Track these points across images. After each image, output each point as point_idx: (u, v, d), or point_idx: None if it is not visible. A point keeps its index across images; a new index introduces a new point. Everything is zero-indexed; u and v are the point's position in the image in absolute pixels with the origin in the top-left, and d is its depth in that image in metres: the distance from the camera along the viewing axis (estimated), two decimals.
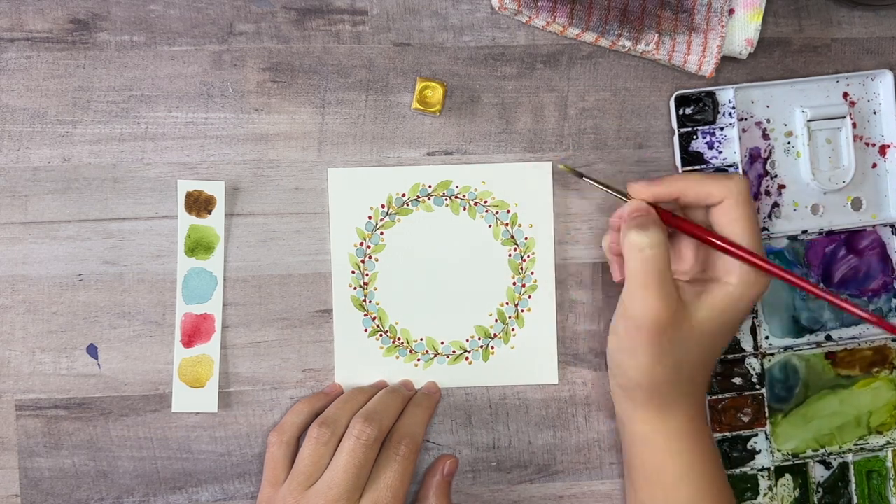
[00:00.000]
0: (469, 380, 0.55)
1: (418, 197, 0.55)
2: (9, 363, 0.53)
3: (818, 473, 0.57)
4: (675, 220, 0.50)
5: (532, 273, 0.55)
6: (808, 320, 0.57)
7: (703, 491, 0.50)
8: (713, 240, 0.49)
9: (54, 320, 0.54)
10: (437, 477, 0.54)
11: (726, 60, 0.56)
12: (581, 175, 0.52)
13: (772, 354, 0.56)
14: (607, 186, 0.52)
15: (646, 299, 0.47)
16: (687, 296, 0.49)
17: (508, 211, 0.55)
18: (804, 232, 0.56)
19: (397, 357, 0.55)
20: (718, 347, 0.51)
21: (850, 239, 0.57)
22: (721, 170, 0.55)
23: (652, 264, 0.47)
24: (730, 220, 0.48)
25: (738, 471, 0.55)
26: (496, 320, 0.55)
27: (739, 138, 0.55)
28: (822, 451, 0.56)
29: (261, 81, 0.54)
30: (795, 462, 0.56)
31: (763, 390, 0.55)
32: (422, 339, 0.55)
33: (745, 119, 0.56)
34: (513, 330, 0.55)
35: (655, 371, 0.48)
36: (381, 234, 0.55)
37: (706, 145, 0.55)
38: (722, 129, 0.55)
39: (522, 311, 0.55)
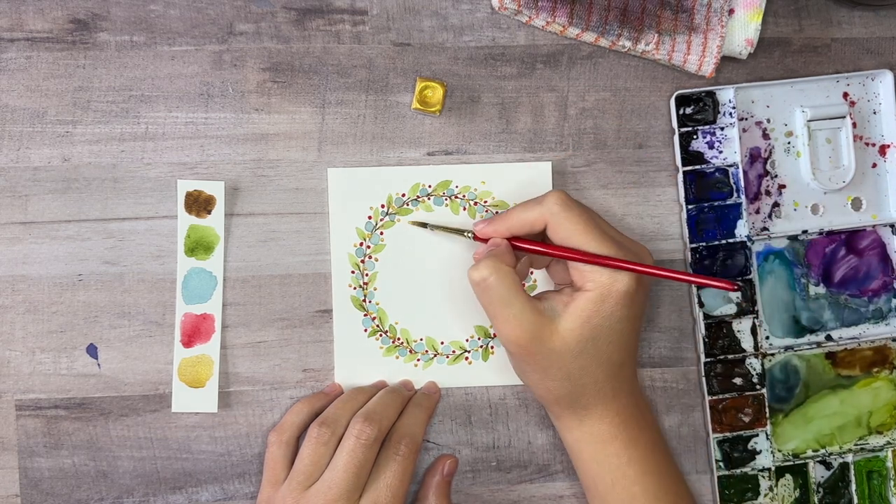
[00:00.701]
0: (469, 380, 0.55)
1: (418, 197, 0.55)
2: (9, 363, 0.53)
3: (818, 473, 0.57)
4: (520, 245, 0.51)
5: (532, 273, 0.55)
6: (809, 320, 0.57)
7: (638, 496, 0.50)
8: (551, 251, 0.50)
9: (54, 320, 0.54)
10: (436, 477, 0.54)
11: (726, 60, 0.56)
12: (425, 225, 0.54)
13: (772, 354, 0.56)
14: (450, 230, 0.53)
15: (501, 326, 0.49)
16: (556, 309, 0.49)
17: None
18: (804, 232, 0.56)
19: (397, 357, 0.55)
20: (611, 350, 0.49)
21: (850, 239, 0.57)
22: (722, 170, 0.55)
23: (494, 292, 0.48)
24: (562, 236, 0.49)
25: (738, 471, 0.55)
26: None
27: (739, 138, 0.55)
28: (822, 451, 0.56)
29: (261, 81, 0.54)
30: (796, 462, 0.56)
31: (763, 390, 0.55)
32: (422, 339, 0.55)
33: (746, 119, 0.56)
34: None
35: (548, 386, 0.50)
36: (381, 234, 0.55)
37: (706, 145, 0.55)
38: (722, 128, 0.55)
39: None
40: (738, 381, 0.55)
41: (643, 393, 0.55)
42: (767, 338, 0.56)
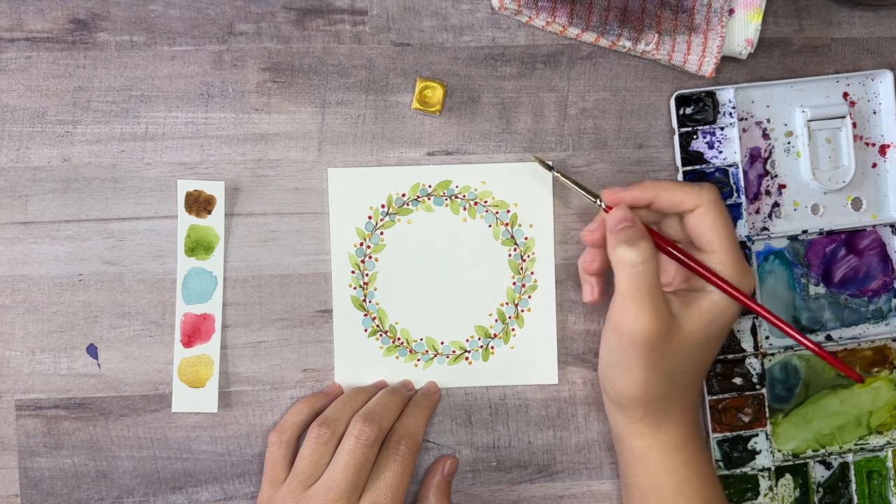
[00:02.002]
0: (469, 380, 0.55)
1: (418, 197, 0.55)
2: (9, 363, 0.53)
3: (818, 473, 0.57)
4: (656, 239, 0.50)
5: (532, 273, 0.55)
6: (809, 320, 0.57)
7: None
8: (692, 263, 0.50)
9: (54, 320, 0.54)
10: (437, 477, 0.54)
11: (726, 60, 0.56)
12: (551, 168, 0.53)
13: (772, 354, 0.56)
14: (578, 185, 0.52)
15: (637, 315, 0.47)
16: (674, 307, 0.49)
17: (508, 211, 0.55)
18: (804, 232, 0.56)
19: (397, 357, 0.55)
20: (709, 357, 0.51)
21: (850, 239, 0.57)
22: (722, 170, 0.55)
23: (643, 279, 0.47)
24: (704, 227, 0.49)
25: (738, 471, 0.55)
26: (496, 320, 0.55)
27: (739, 138, 0.55)
28: (822, 451, 0.56)
29: (261, 81, 0.54)
30: (796, 462, 0.56)
31: (763, 390, 0.55)
32: (422, 339, 0.55)
33: (746, 119, 0.56)
34: (513, 330, 0.55)
35: (649, 385, 0.49)
36: (381, 234, 0.55)
37: (706, 145, 0.55)
38: (722, 128, 0.55)
39: (522, 311, 0.55)
40: (738, 380, 0.55)
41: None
42: (767, 338, 0.56)
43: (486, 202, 0.55)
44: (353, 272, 0.55)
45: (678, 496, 0.50)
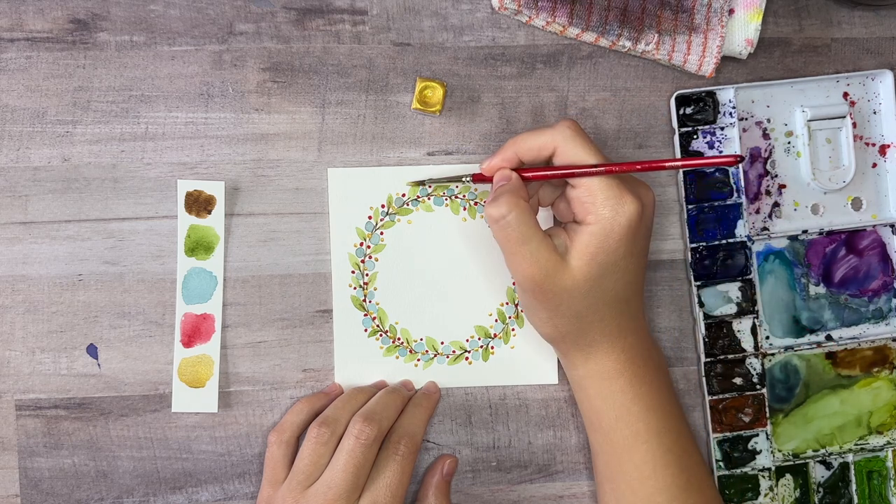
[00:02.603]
0: (469, 380, 0.55)
1: (418, 197, 0.55)
2: (9, 363, 0.53)
3: (819, 473, 0.57)
4: (529, 173, 0.50)
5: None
6: (809, 320, 0.57)
7: (641, 433, 0.50)
8: (560, 172, 0.49)
9: (54, 320, 0.54)
10: (436, 477, 0.54)
11: (726, 60, 0.56)
12: (423, 183, 0.54)
13: (772, 354, 0.56)
14: (449, 178, 0.54)
15: (517, 264, 0.49)
16: (560, 246, 0.49)
17: None
18: (804, 232, 0.56)
19: (397, 357, 0.55)
20: (617, 288, 0.50)
21: (850, 239, 0.57)
22: (722, 170, 0.55)
23: (512, 230, 0.48)
24: (570, 159, 0.49)
25: (738, 471, 0.55)
26: (496, 320, 0.55)
27: (740, 138, 0.55)
28: (822, 451, 0.56)
29: (261, 81, 0.54)
30: (796, 462, 0.56)
31: (763, 390, 0.55)
32: (422, 339, 0.55)
33: (746, 119, 0.56)
34: (513, 330, 0.55)
35: (556, 323, 0.50)
36: (381, 234, 0.55)
37: (706, 145, 0.55)
38: (722, 128, 0.55)
39: (522, 311, 0.55)
40: (738, 381, 0.55)
41: (650, 332, 0.55)
42: (767, 338, 0.56)
43: (486, 202, 0.55)
44: (353, 272, 0.55)
45: (618, 422, 0.50)
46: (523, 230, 0.48)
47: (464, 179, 0.53)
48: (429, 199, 0.55)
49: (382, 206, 0.55)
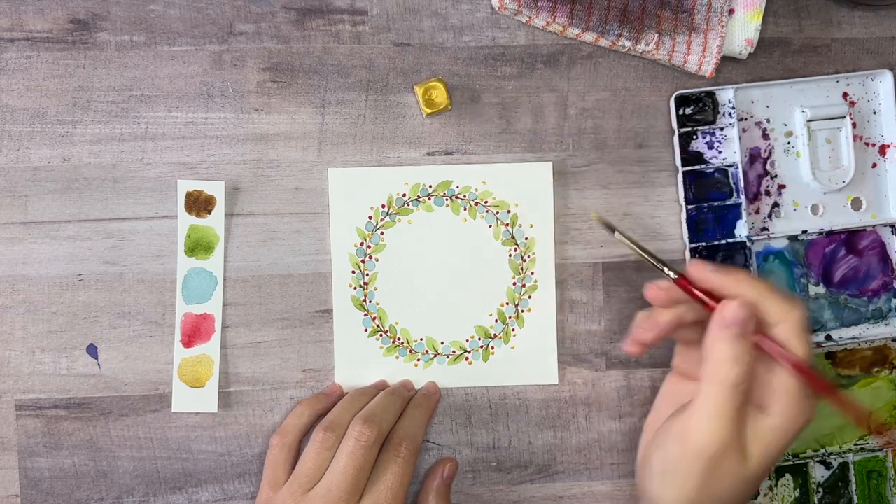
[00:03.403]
0: (469, 380, 0.55)
1: (418, 197, 0.55)
2: (9, 363, 0.53)
3: (818, 473, 0.57)
4: (763, 341, 0.45)
5: (532, 273, 0.55)
6: (809, 320, 0.57)
7: None
8: (781, 354, 0.45)
9: (54, 320, 0.54)
10: (436, 480, 0.54)
11: (726, 60, 0.56)
12: (614, 230, 0.50)
13: None
14: (644, 251, 0.49)
15: (718, 429, 0.44)
16: (743, 433, 0.45)
17: (509, 211, 0.55)
18: (804, 232, 0.56)
19: (397, 357, 0.55)
20: (757, 483, 0.46)
21: (850, 239, 0.57)
22: (721, 170, 0.55)
23: (740, 399, 0.44)
24: (793, 338, 0.45)
25: None
26: (496, 320, 0.55)
27: (739, 138, 0.55)
28: (822, 451, 0.56)
29: (261, 81, 0.54)
30: (796, 462, 0.56)
31: None
32: (422, 339, 0.55)
33: (745, 119, 0.56)
34: (513, 330, 0.55)
35: (687, 497, 0.45)
36: (382, 234, 0.55)
37: (706, 145, 0.55)
38: (722, 129, 0.55)
39: (522, 311, 0.55)
40: None
41: None
42: None
43: (486, 202, 0.55)
44: (353, 272, 0.55)
45: None
46: (743, 400, 0.43)
47: (667, 272, 0.47)
48: (429, 199, 0.55)
49: (383, 206, 0.55)
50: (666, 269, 0.48)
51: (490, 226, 0.55)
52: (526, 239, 0.55)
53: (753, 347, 0.45)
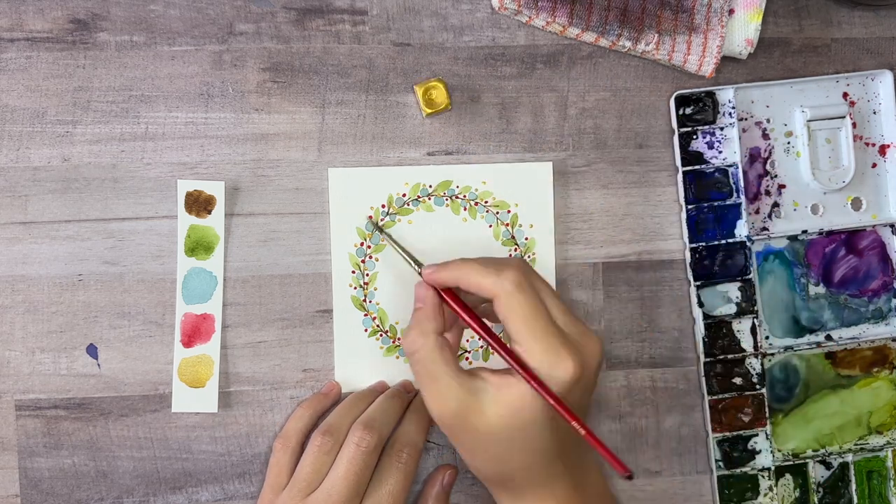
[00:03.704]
0: None
1: (419, 197, 0.55)
2: (9, 363, 0.53)
3: (818, 473, 0.57)
4: (449, 303, 0.48)
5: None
6: (809, 320, 0.57)
7: None
8: (485, 335, 0.47)
9: (54, 320, 0.54)
10: (435, 488, 0.54)
11: (726, 60, 0.56)
12: (381, 230, 0.54)
13: (772, 354, 0.56)
14: (403, 250, 0.52)
15: (427, 399, 0.47)
16: (486, 385, 0.45)
17: (509, 211, 0.55)
18: (804, 232, 0.56)
19: (397, 357, 0.55)
20: (544, 440, 0.45)
21: (850, 239, 0.57)
22: (721, 170, 0.55)
23: (420, 366, 0.46)
24: (504, 316, 0.45)
25: (738, 471, 0.55)
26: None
27: (739, 138, 0.55)
28: (822, 451, 0.56)
29: (261, 81, 0.54)
30: (796, 462, 0.56)
31: (763, 390, 0.55)
32: None
33: (745, 119, 0.56)
34: None
35: (475, 464, 0.47)
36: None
37: (706, 145, 0.55)
38: (722, 128, 0.55)
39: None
40: (737, 381, 0.55)
41: (599, 474, 0.50)
42: (767, 338, 0.56)
43: (486, 202, 0.55)
44: (353, 272, 0.55)
45: None
46: (431, 368, 0.46)
47: (415, 268, 0.51)
48: (429, 199, 0.55)
49: (383, 206, 0.55)
50: (415, 267, 0.51)
51: (490, 226, 0.55)
52: (526, 239, 0.55)
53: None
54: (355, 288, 0.54)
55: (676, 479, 0.56)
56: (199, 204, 0.54)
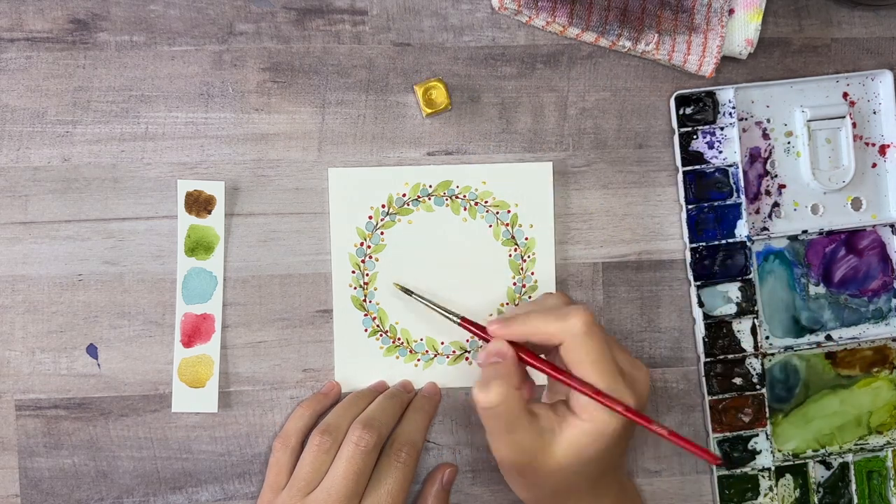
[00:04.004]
0: (469, 380, 0.55)
1: (419, 197, 0.55)
2: (9, 363, 0.53)
3: (818, 473, 0.57)
4: (529, 359, 0.49)
5: (532, 273, 0.55)
6: (809, 320, 0.57)
7: None
8: (563, 378, 0.47)
9: (54, 320, 0.54)
10: (435, 486, 0.54)
11: (726, 60, 0.56)
12: (411, 293, 0.53)
13: (772, 354, 0.56)
14: (442, 309, 0.52)
15: (499, 448, 0.48)
16: (550, 425, 0.47)
17: (509, 211, 0.55)
18: (804, 232, 0.56)
19: (397, 357, 0.55)
20: (599, 473, 0.48)
21: (850, 239, 0.57)
22: (722, 170, 0.55)
23: (500, 420, 0.47)
24: (573, 360, 0.47)
25: (738, 471, 0.55)
26: None
27: (739, 138, 0.55)
28: (822, 451, 0.56)
29: (261, 81, 0.54)
30: (796, 462, 0.56)
31: (763, 390, 0.55)
32: (422, 339, 0.55)
33: (745, 119, 0.56)
34: None
35: (535, 495, 0.49)
36: (382, 234, 0.55)
37: (706, 145, 0.55)
38: (722, 128, 0.55)
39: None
40: (738, 381, 0.55)
41: (635, 489, 0.54)
42: (767, 338, 0.56)
43: (486, 202, 0.55)
44: (353, 272, 0.55)
45: None
46: (511, 420, 0.46)
47: (451, 318, 0.51)
48: (429, 199, 0.55)
49: (383, 206, 0.55)
50: (451, 317, 0.52)
51: (490, 226, 0.55)
52: (526, 239, 0.55)
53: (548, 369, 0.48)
54: (355, 288, 0.54)
55: (676, 479, 0.56)
56: (199, 204, 0.54)
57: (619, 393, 0.46)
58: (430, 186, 0.55)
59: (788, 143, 0.56)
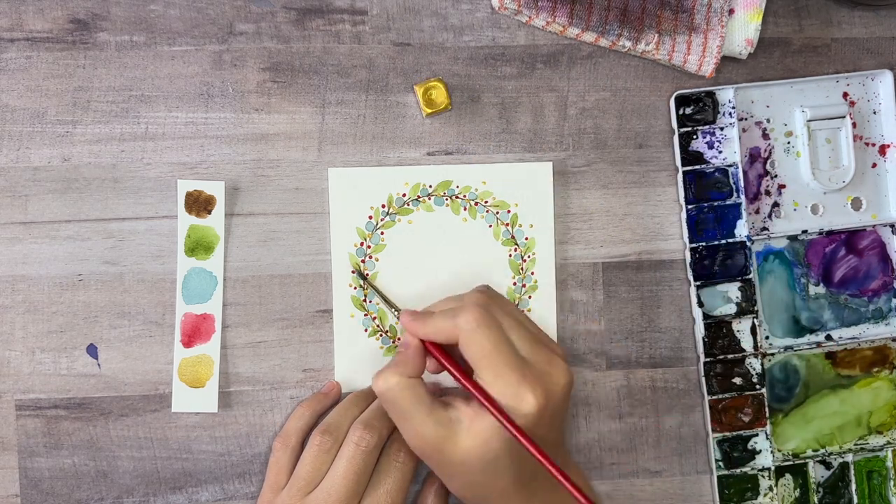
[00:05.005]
0: None
1: (419, 197, 0.55)
2: (9, 363, 0.53)
3: (818, 473, 0.57)
4: (436, 355, 0.49)
5: (532, 273, 0.55)
6: (809, 320, 0.57)
7: None
8: (457, 376, 0.48)
9: (54, 320, 0.54)
10: (436, 484, 0.54)
11: (726, 60, 0.56)
12: (364, 277, 0.54)
13: (772, 354, 0.56)
14: (384, 298, 0.54)
15: (404, 434, 0.48)
16: (460, 416, 0.47)
17: (509, 211, 0.55)
18: (804, 232, 0.56)
19: None
20: (518, 466, 0.47)
21: (850, 239, 0.57)
22: (721, 170, 0.55)
23: (393, 406, 0.48)
24: (469, 357, 0.47)
25: (738, 471, 0.55)
26: None
27: (739, 138, 0.55)
28: (822, 451, 0.56)
29: (261, 81, 0.54)
30: (796, 462, 0.56)
31: (763, 390, 0.55)
32: None
33: (745, 119, 0.56)
34: None
35: (454, 488, 0.49)
36: (382, 234, 0.55)
37: (706, 145, 0.55)
38: (722, 128, 0.55)
39: (523, 311, 0.55)
40: (737, 381, 0.55)
41: (584, 479, 0.53)
42: (767, 338, 0.56)
43: (486, 202, 0.55)
44: (353, 272, 0.55)
45: None
46: (405, 408, 0.47)
47: (394, 313, 0.54)
48: (429, 199, 0.55)
49: (383, 206, 0.55)
50: (394, 312, 0.54)
51: (490, 226, 0.55)
52: (526, 239, 0.55)
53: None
54: (355, 288, 0.54)
55: (676, 479, 0.56)
56: (199, 204, 0.54)
57: (514, 391, 0.46)
58: (430, 186, 0.55)
59: (788, 143, 0.56)
